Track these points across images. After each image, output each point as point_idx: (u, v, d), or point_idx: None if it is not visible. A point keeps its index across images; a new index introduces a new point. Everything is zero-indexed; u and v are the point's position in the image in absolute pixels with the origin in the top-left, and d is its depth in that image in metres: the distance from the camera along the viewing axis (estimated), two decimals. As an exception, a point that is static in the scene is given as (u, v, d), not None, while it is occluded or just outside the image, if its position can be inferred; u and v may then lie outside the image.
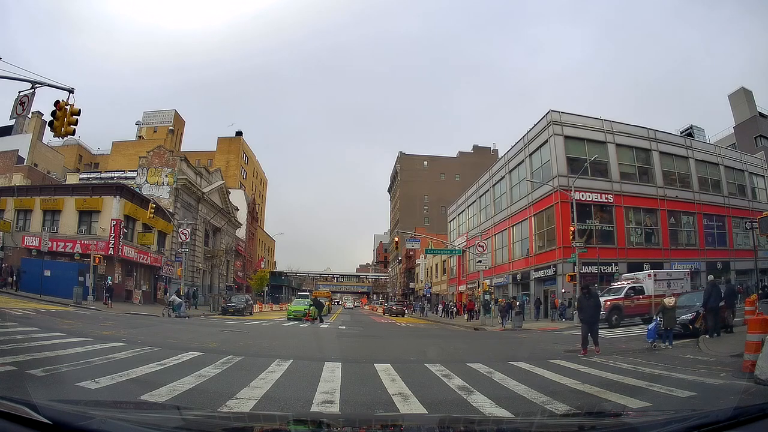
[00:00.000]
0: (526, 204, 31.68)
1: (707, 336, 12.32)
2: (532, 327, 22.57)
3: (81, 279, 25.48)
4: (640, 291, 20.62)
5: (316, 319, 25.35)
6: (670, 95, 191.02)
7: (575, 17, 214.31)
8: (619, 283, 22.74)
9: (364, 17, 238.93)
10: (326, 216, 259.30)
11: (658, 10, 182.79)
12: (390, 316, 42.34)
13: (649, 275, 21.27)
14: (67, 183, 36.84)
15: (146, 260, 32.46)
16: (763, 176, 35.27)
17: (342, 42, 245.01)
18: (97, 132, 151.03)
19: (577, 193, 25.00)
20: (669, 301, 12.24)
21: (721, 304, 12.96)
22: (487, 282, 30.37)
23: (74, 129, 11.94)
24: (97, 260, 25.50)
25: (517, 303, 26.60)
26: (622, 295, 20.13)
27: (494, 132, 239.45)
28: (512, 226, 34.30)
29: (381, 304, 72.26)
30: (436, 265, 56.59)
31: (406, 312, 46.32)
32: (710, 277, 18.28)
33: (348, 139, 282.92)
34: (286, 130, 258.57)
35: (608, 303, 18.94)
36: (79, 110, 11.87)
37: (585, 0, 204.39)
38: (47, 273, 25.84)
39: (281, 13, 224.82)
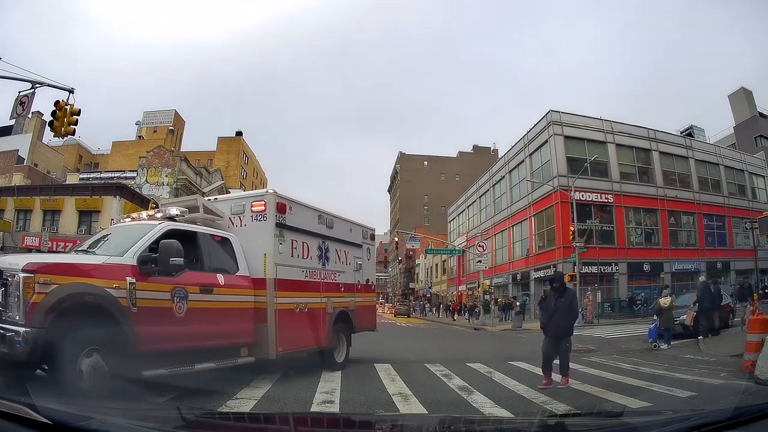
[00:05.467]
0: (526, 204, 31.67)
1: (699, 337, 12.33)
2: (533, 327, 22.56)
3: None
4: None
5: None
6: (670, 95, 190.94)
7: (579, 19, 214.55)
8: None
9: (369, 16, 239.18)
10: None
11: (659, 12, 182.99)
12: (395, 316, 44.38)
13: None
14: (67, 183, 36.79)
15: (146, 260, 32.41)
16: (763, 176, 35.22)
17: (345, 41, 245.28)
18: (97, 132, 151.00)
19: (577, 193, 24.96)
20: (665, 301, 12.14)
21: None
22: (487, 282, 30.37)
23: (74, 129, 11.88)
24: (97, 260, 25.45)
25: (518, 303, 26.59)
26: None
27: (495, 132, 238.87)
28: (512, 226, 34.28)
29: (381, 303, 72.25)
30: (436, 265, 56.56)
31: (412, 313, 48.81)
32: (701, 278, 18.06)
33: (348, 139, 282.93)
34: (287, 129, 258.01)
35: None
36: (79, 110, 11.81)
37: (588, 2, 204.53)
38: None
39: (284, 11, 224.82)
